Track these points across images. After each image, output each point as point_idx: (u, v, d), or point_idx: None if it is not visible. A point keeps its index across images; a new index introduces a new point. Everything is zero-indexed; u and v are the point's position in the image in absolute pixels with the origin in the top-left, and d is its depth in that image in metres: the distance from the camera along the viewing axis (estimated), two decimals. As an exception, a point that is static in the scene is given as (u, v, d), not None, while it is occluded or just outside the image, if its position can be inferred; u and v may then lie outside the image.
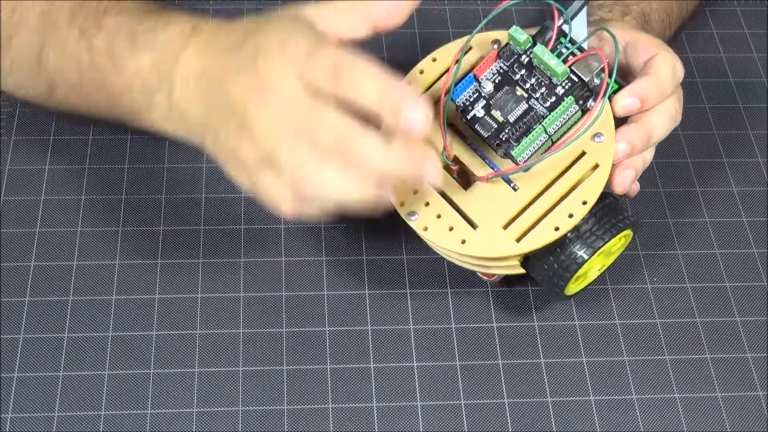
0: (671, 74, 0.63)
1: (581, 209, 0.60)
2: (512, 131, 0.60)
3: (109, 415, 0.63)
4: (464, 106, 0.61)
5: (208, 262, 0.70)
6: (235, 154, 0.58)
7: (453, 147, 0.62)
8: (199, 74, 0.59)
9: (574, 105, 0.60)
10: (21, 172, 0.73)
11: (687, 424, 0.65)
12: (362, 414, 0.64)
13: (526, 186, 0.61)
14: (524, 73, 0.61)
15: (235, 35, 0.59)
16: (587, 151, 0.61)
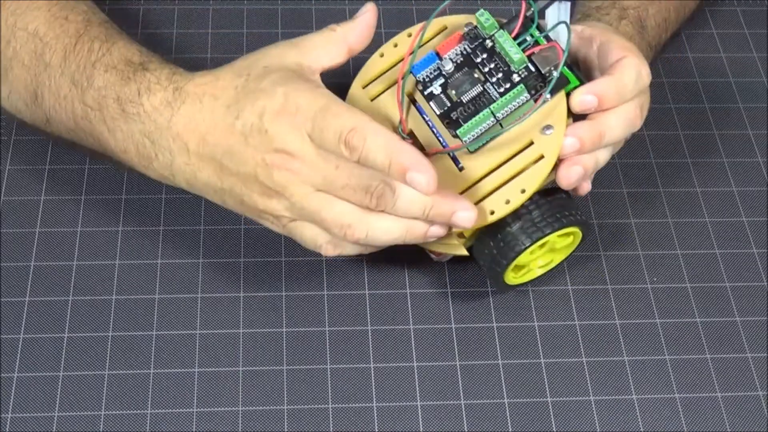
0: (634, 78, 0.63)
1: (519, 197, 0.60)
2: (462, 111, 0.61)
3: (109, 415, 0.63)
4: (424, 82, 0.62)
5: (208, 262, 0.70)
6: (266, 212, 0.62)
7: (410, 121, 0.63)
8: (197, 142, 0.61)
9: (526, 93, 0.61)
10: (21, 172, 0.74)
11: (687, 424, 0.65)
12: (362, 414, 0.64)
13: (471, 167, 0.61)
14: (485, 57, 0.62)
15: (225, 98, 0.61)
16: (535, 142, 0.61)
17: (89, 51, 0.65)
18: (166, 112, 0.62)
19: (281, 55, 0.61)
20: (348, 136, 0.56)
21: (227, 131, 0.60)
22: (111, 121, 0.64)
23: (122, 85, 0.63)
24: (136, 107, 0.63)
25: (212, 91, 0.61)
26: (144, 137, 0.63)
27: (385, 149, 0.56)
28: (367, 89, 0.64)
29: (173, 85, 0.62)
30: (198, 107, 0.61)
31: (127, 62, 0.64)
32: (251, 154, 0.59)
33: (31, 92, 0.66)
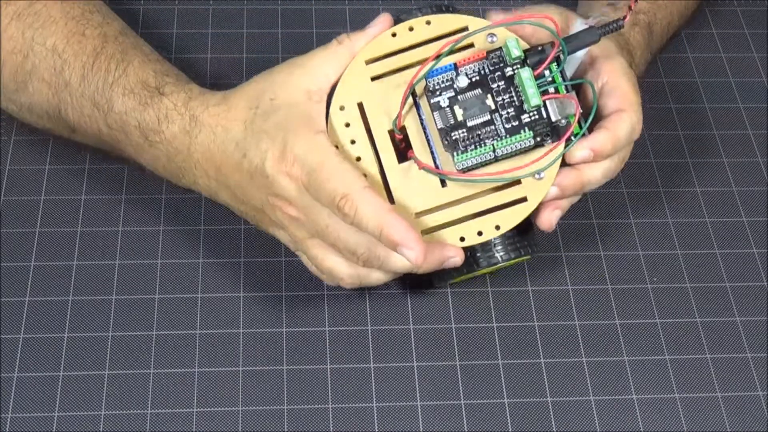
0: (628, 134, 0.63)
1: (492, 232, 0.61)
2: (465, 137, 0.60)
3: (109, 415, 0.63)
4: (433, 89, 0.61)
5: (208, 262, 0.70)
6: (274, 235, 0.66)
7: (407, 118, 0.62)
8: (215, 171, 0.64)
9: (531, 139, 0.60)
10: (21, 172, 0.73)
11: (687, 424, 0.65)
12: (362, 414, 0.64)
13: (455, 187, 0.61)
14: (502, 86, 0.61)
15: (235, 131, 0.62)
16: (522, 182, 0.61)
17: (106, 71, 0.66)
18: (186, 139, 0.64)
19: (288, 84, 0.62)
20: (340, 203, 0.58)
21: (236, 167, 0.62)
22: (136, 145, 0.66)
23: (141, 111, 0.65)
24: (158, 135, 0.65)
25: (224, 122, 0.63)
26: (169, 160, 0.65)
27: (375, 220, 0.58)
28: (371, 66, 0.63)
29: (189, 113, 0.64)
30: (212, 138, 0.63)
31: (143, 85, 0.65)
32: (256, 193, 0.62)
33: (54, 107, 0.68)
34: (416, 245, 0.58)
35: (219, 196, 0.66)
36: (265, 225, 0.65)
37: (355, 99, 0.62)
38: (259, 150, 0.61)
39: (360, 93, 0.62)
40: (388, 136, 0.62)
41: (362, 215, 0.58)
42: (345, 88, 0.62)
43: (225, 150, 0.63)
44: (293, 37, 0.84)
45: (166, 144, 0.65)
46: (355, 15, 0.86)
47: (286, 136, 0.60)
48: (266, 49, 0.83)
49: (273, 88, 0.62)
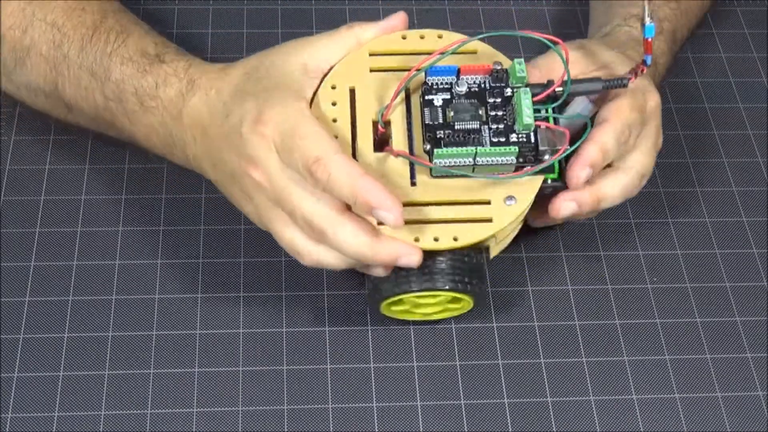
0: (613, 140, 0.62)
1: (449, 242, 0.59)
2: (448, 135, 0.59)
3: (109, 415, 0.63)
4: (429, 86, 0.61)
5: (208, 262, 0.70)
6: (244, 211, 0.64)
7: (394, 116, 0.61)
8: (201, 134, 0.63)
9: (513, 158, 0.59)
10: (21, 172, 0.73)
11: (687, 424, 0.65)
12: (362, 414, 0.64)
13: (423, 188, 0.60)
14: (498, 102, 0.61)
15: (225, 93, 0.62)
16: (492, 203, 0.60)
17: (105, 42, 0.66)
18: (180, 102, 0.63)
19: (288, 54, 0.62)
20: (312, 167, 0.57)
21: (220, 128, 0.62)
22: (131, 113, 0.65)
23: (139, 77, 0.65)
24: (154, 100, 0.64)
25: (219, 84, 0.63)
26: (162, 126, 0.65)
27: (349, 184, 0.57)
28: (374, 59, 0.63)
29: (188, 77, 0.64)
30: (204, 100, 0.63)
31: (142, 53, 0.65)
32: (230, 155, 0.61)
33: (51, 82, 0.67)
34: (394, 206, 0.56)
35: (203, 167, 0.65)
36: (237, 199, 0.63)
37: (348, 83, 0.62)
38: (240, 110, 0.60)
39: (355, 79, 0.62)
40: (371, 126, 0.61)
41: (335, 179, 0.57)
42: (342, 71, 0.62)
43: (213, 111, 0.62)
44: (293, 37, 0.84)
45: (162, 109, 0.64)
46: (355, 15, 0.86)
47: (267, 98, 0.59)
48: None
49: (272, 58, 0.62)
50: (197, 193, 0.73)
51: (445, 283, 0.60)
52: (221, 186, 0.65)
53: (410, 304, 0.65)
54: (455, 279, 0.60)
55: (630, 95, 0.63)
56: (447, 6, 0.88)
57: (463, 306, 0.65)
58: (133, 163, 0.74)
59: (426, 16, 0.87)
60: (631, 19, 0.72)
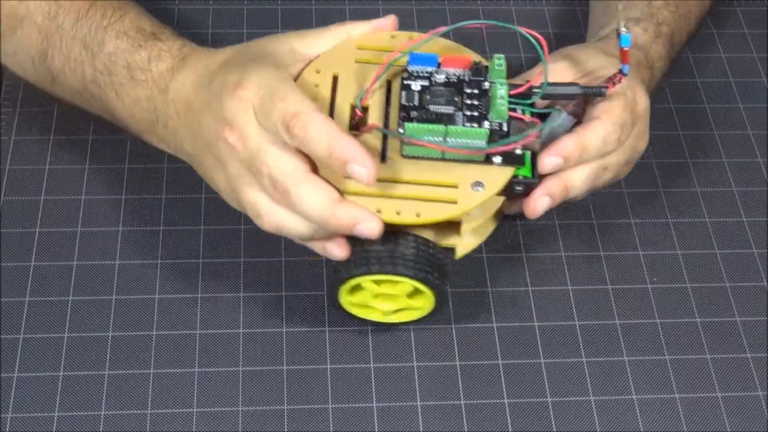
0: (598, 142, 0.62)
1: (411, 216, 0.59)
2: (421, 114, 0.60)
3: (109, 415, 0.63)
4: (410, 74, 0.62)
5: (207, 262, 0.70)
6: (215, 184, 0.64)
7: (372, 98, 0.62)
8: (185, 107, 0.64)
9: (484, 141, 0.59)
10: (21, 172, 0.74)
11: (687, 424, 0.65)
12: (362, 414, 0.64)
13: (392, 165, 0.60)
14: (475, 93, 0.61)
15: (213, 67, 0.63)
16: (459, 187, 0.59)
17: (102, 16, 0.66)
18: (168, 77, 0.64)
19: (279, 39, 0.63)
20: (290, 122, 0.57)
21: (202, 97, 0.62)
22: (119, 86, 0.66)
23: (132, 51, 0.65)
24: (144, 74, 0.65)
25: (207, 61, 0.64)
26: (148, 102, 0.65)
27: (326, 139, 0.57)
28: (361, 52, 0.64)
29: (181, 54, 0.65)
30: (191, 73, 0.64)
31: (138, 30, 0.66)
32: (208, 121, 0.61)
33: (41, 52, 0.68)
34: (368, 161, 0.56)
35: (182, 140, 0.65)
36: (210, 170, 0.63)
37: (333, 70, 0.63)
38: (222, 78, 0.61)
39: (340, 66, 0.63)
40: (349, 110, 0.62)
41: (313, 134, 0.57)
42: (328, 57, 0.63)
43: (198, 84, 0.63)
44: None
45: (151, 83, 0.65)
46: (355, 15, 0.86)
47: (250, 68, 0.60)
48: (266, 49, 0.83)
49: (263, 41, 0.64)
50: (197, 193, 0.73)
51: (408, 269, 0.60)
52: (197, 160, 0.64)
53: (369, 294, 0.64)
54: (417, 267, 0.60)
55: (622, 96, 0.63)
56: (447, 6, 0.88)
57: (423, 306, 0.64)
58: (133, 163, 0.74)
59: (426, 16, 0.87)
60: (630, 22, 0.72)
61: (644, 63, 0.70)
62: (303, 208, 0.58)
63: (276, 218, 0.60)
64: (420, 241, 0.61)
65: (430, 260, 0.61)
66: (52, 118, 0.76)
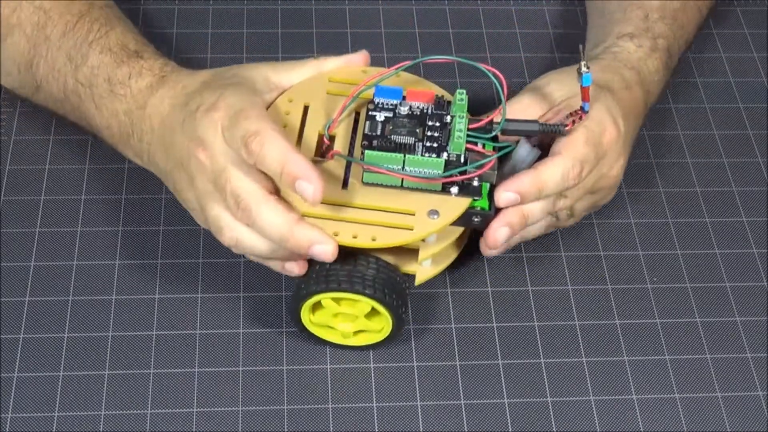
0: (556, 180, 0.62)
1: (368, 242, 0.60)
2: (382, 142, 0.61)
3: (109, 415, 0.63)
4: (375, 105, 0.64)
5: (207, 262, 0.70)
6: (185, 200, 0.65)
7: (339, 127, 0.64)
8: (159, 124, 0.65)
9: (439, 171, 0.60)
10: (21, 172, 0.74)
11: (687, 424, 0.65)
12: (362, 414, 0.64)
13: (353, 191, 0.62)
14: (436, 125, 0.62)
15: (191, 88, 0.65)
16: (416, 214, 0.61)
17: (88, 31, 0.68)
18: (147, 94, 0.66)
19: (255, 67, 0.66)
20: (249, 140, 0.59)
21: (177, 115, 0.64)
22: (99, 98, 0.67)
23: (115, 67, 0.67)
24: (124, 89, 0.67)
25: (186, 82, 0.66)
26: (125, 116, 0.67)
27: (279, 157, 0.59)
28: (332, 84, 0.66)
29: (161, 74, 0.67)
30: (169, 91, 0.65)
31: (123, 47, 0.68)
32: (181, 139, 0.63)
33: (27, 60, 0.70)
34: (316, 180, 0.58)
35: (156, 155, 0.66)
36: (182, 187, 0.64)
37: (304, 99, 0.65)
38: (199, 98, 0.63)
39: (311, 97, 0.65)
40: (316, 137, 0.64)
41: (267, 152, 0.59)
42: (300, 88, 0.66)
43: (175, 103, 0.64)
44: (293, 37, 0.84)
45: (129, 98, 0.66)
46: (355, 15, 0.86)
47: (225, 92, 0.62)
48: (266, 49, 0.83)
49: (240, 68, 0.66)
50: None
51: (365, 288, 0.61)
52: (169, 176, 0.66)
53: (330, 313, 0.64)
54: (375, 286, 0.61)
55: (585, 129, 0.63)
56: (447, 6, 0.88)
57: (382, 329, 0.65)
58: (133, 164, 0.74)
59: (426, 16, 0.87)
60: (623, 38, 0.72)
61: (636, 82, 0.70)
62: (263, 225, 0.60)
63: (236, 234, 0.62)
64: (380, 264, 0.62)
65: (388, 281, 0.62)
66: (52, 118, 0.76)
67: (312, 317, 0.65)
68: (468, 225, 0.63)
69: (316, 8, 0.86)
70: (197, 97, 0.63)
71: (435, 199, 0.61)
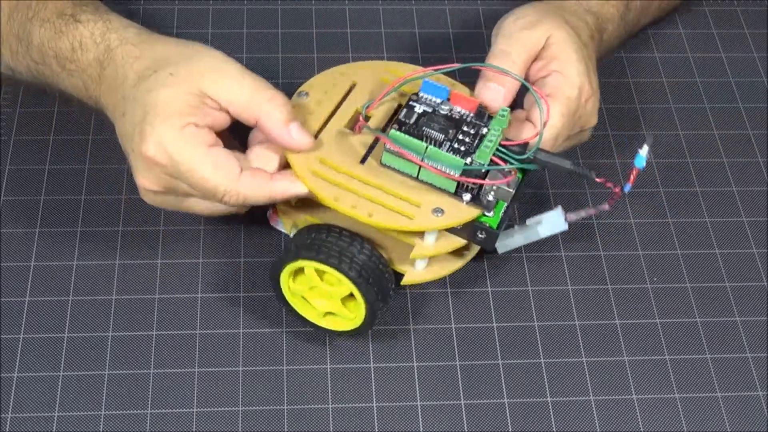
0: None
1: (364, 216, 0.60)
2: (410, 130, 0.61)
3: (109, 415, 0.63)
4: (418, 97, 0.64)
5: (208, 262, 0.70)
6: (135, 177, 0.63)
7: (377, 112, 0.64)
8: (113, 107, 0.64)
9: (457, 171, 0.60)
10: (21, 172, 0.73)
11: (687, 424, 0.65)
12: (362, 414, 0.64)
13: (371, 169, 0.62)
14: (470, 133, 0.62)
15: (130, 80, 0.62)
16: (421, 207, 0.61)
17: (28, 7, 0.67)
18: (98, 69, 0.65)
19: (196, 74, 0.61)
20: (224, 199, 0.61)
21: (120, 121, 0.63)
22: (56, 76, 0.67)
23: (56, 40, 0.66)
24: (73, 64, 0.65)
25: (128, 67, 0.63)
26: (86, 89, 0.66)
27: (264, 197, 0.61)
28: (387, 74, 0.67)
29: (105, 43, 0.64)
30: (114, 77, 0.64)
31: (60, 14, 0.66)
32: (126, 151, 0.63)
33: None
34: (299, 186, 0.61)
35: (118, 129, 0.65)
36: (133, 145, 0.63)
37: (355, 77, 0.66)
38: (132, 119, 0.61)
39: (363, 77, 0.67)
40: (353, 113, 0.64)
41: (248, 198, 0.61)
42: (359, 68, 0.67)
43: (117, 94, 0.63)
44: (293, 37, 0.84)
45: (81, 72, 0.65)
46: (355, 15, 0.86)
47: (153, 119, 0.60)
48: (266, 49, 0.83)
49: (180, 64, 0.62)
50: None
51: (351, 270, 0.61)
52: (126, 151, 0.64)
53: (309, 284, 0.64)
54: (362, 273, 0.61)
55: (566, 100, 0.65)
56: (447, 6, 0.88)
57: (354, 318, 0.65)
58: (133, 163, 0.74)
59: (426, 16, 0.87)
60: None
61: (596, 28, 0.70)
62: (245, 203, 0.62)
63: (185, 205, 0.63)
64: (374, 254, 0.62)
65: (375, 272, 0.62)
66: (52, 118, 0.76)
67: (291, 283, 0.65)
68: (472, 239, 0.63)
69: (316, 8, 0.86)
70: (130, 112, 0.61)
71: (445, 200, 0.61)
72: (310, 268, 0.62)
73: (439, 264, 0.66)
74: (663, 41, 0.86)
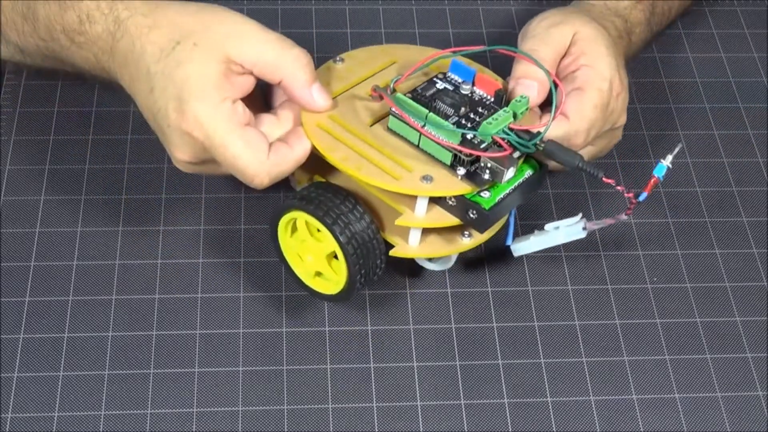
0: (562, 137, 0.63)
1: (352, 169, 0.61)
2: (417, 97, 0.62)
3: (109, 415, 0.63)
4: (444, 76, 0.65)
5: (207, 262, 0.70)
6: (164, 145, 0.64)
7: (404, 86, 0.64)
8: (129, 80, 0.63)
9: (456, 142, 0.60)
10: (21, 172, 0.73)
11: (687, 424, 0.65)
12: (362, 414, 0.64)
13: (374, 131, 0.63)
14: (483, 113, 0.62)
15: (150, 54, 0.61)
16: (412, 172, 0.61)
17: None
18: (109, 40, 0.63)
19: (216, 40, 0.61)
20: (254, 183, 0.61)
21: (145, 94, 0.62)
22: (66, 50, 0.66)
23: (62, 14, 0.65)
24: (82, 36, 0.64)
25: (145, 39, 0.62)
26: (98, 61, 0.65)
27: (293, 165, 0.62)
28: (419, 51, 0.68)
29: (113, 14, 0.63)
30: (131, 48, 0.62)
31: None
32: (157, 127, 0.63)
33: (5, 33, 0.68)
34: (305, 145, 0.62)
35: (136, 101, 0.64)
36: None
37: (396, 56, 0.68)
38: (164, 95, 0.60)
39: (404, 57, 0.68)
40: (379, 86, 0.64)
41: (275, 178, 0.61)
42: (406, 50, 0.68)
43: (138, 68, 0.62)
44: (293, 37, 0.84)
45: (91, 44, 0.64)
46: (355, 15, 0.86)
47: (189, 96, 0.59)
48: (266, 49, 0.83)
49: (201, 32, 0.61)
50: (197, 193, 0.73)
51: (334, 224, 0.61)
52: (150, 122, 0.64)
53: (301, 238, 0.65)
54: (346, 232, 0.62)
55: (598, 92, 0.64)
56: (447, 6, 0.88)
57: (337, 281, 0.65)
58: (133, 163, 0.74)
59: (426, 16, 0.87)
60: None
61: (624, 30, 0.70)
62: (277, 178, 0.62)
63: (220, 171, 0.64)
64: (365, 218, 0.62)
65: (361, 235, 0.62)
66: (52, 118, 0.76)
67: (287, 237, 0.65)
68: (462, 218, 0.62)
69: (316, 8, 0.86)
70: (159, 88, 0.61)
71: (438, 170, 0.61)
72: (301, 221, 0.63)
73: (431, 246, 0.65)
74: (663, 41, 0.86)
